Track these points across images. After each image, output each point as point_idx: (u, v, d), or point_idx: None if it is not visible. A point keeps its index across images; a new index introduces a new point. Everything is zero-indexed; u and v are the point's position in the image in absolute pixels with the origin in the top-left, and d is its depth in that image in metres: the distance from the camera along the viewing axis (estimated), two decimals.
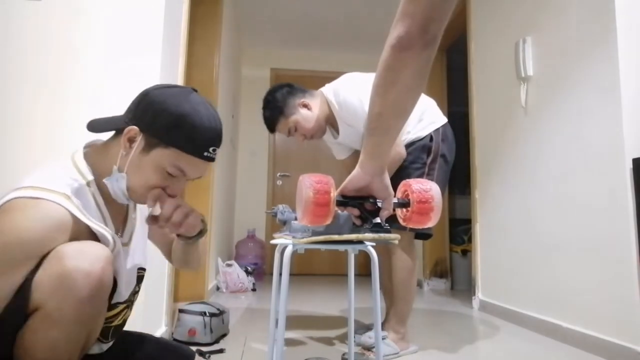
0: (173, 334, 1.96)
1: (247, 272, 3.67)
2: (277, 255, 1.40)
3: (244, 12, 4.25)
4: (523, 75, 2.55)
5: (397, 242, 1.10)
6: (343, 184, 1.03)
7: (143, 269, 1.11)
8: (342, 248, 1.17)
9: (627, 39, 1.87)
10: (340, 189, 1.03)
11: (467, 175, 3.28)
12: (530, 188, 2.51)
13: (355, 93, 1.82)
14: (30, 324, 0.81)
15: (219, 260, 3.52)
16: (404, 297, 1.93)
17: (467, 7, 3.33)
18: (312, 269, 4.72)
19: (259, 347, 1.96)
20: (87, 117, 1.03)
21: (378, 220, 1.03)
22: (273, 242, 1.34)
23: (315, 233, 1.11)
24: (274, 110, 1.97)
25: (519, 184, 2.63)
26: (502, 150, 2.84)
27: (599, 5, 1.98)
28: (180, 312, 1.98)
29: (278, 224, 1.46)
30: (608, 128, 1.92)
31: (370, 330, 1.98)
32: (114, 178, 0.95)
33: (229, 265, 3.56)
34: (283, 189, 4.98)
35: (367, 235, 1.07)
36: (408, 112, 0.96)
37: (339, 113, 1.91)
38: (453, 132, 2.06)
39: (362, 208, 1.04)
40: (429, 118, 1.98)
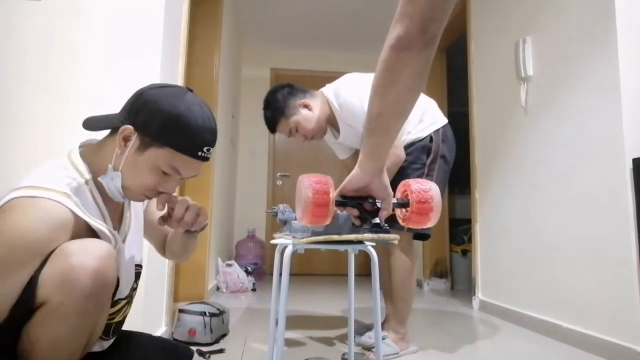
0: (173, 334, 1.96)
1: (247, 272, 3.67)
2: (277, 255, 1.40)
3: (244, 12, 4.25)
4: (523, 75, 2.55)
5: (396, 242, 1.10)
6: (342, 184, 1.03)
7: (140, 266, 1.13)
8: (342, 248, 1.17)
9: (627, 39, 1.87)
10: (340, 189, 1.03)
11: (467, 175, 3.28)
12: (530, 188, 2.51)
13: (356, 94, 1.82)
14: (36, 319, 0.82)
15: (219, 260, 3.52)
16: (404, 297, 1.93)
17: (467, 7, 3.33)
18: (312, 269, 4.72)
19: (259, 347, 1.96)
20: (86, 117, 1.03)
21: (377, 221, 1.03)
22: (273, 242, 1.34)
23: (315, 233, 1.11)
24: (275, 111, 1.97)
25: (519, 184, 2.63)
26: (502, 150, 2.84)
27: (599, 5, 1.98)
28: (180, 312, 1.98)
29: (278, 224, 1.46)
30: (608, 128, 1.92)
31: (370, 330, 1.98)
32: (109, 177, 0.96)
33: (229, 265, 3.56)
34: (283, 189, 4.98)
35: (366, 236, 1.07)
36: (407, 112, 0.96)
37: (340, 114, 1.91)
38: (453, 132, 2.06)
39: (361, 208, 1.04)
40: (430, 119, 1.98)
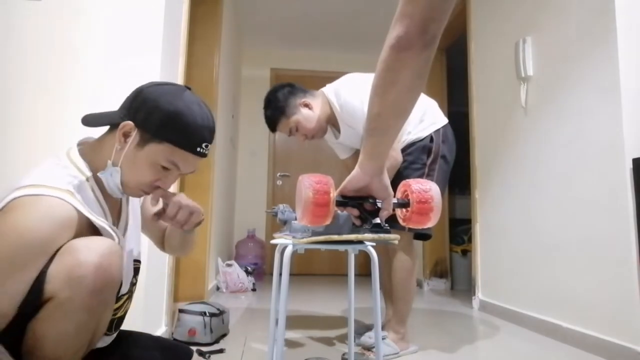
0: (173, 334, 1.96)
1: (247, 272, 3.67)
2: (277, 255, 1.40)
3: (244, 12, 4.25)
4: (523, 75, 2.55)
5: (396, 242, 1.10)
6: (342, 184, 1.03)
7: (138, 261, 1.14)
8: (342, 248, 1.17)
9: (627, 39, 1.87)
10: (340, 189, 1.03)
11: (467, 175, 3.28)
12: (530, 188, 2.51)
13: (357, 95, 1.81)
14: (42, 314, 0.83)
15: (219, 260, 3.52)
16: (404, 297, 1.93)
17: (467, 7, 3.32)
18: (312, 269, 4.72)
19: (259, 347, 1.96)
20: (86, 114, 1.04)
21: (378, 221, 1.03)
22: (273, 242, 1.34)
23: (315, 233, 1.11)
24: (275, 110, 1.97)
25: (519, 184, 2.63)
26: (502, 150, 2.84)
27: (599, 5, 1.98)
28: (180, 312, 1.98)
29: (278, 224, 1.46)
30: (608, 128, 1.92)
31: (370, 330, 1.98)
32: (108, 172, 0.98)
33: (229, 265, 3.56)
34: (283, 189, 4.98)
35: (366, 236, 1.07)
36: (407, 112, 0.96)
37: (340, 114, 1.91)
38: (453, 132, 2.06)
39: (361, 208, 1.04)
40: (430, 119, 1.98)
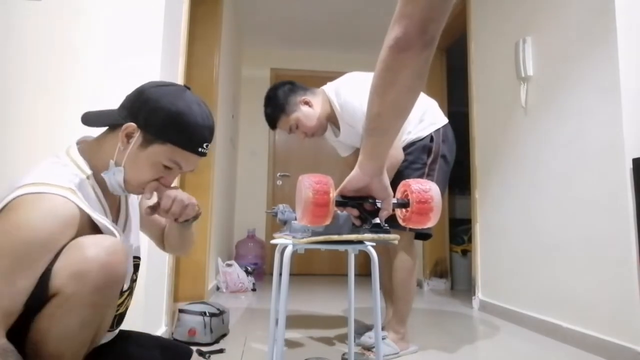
0: (173, 334, 1.96)
1: (247, 272, 3.67)
2: (277, 255, 1.40)
3: (244, 12, 4.25)
4: (523, 75, 2.55)
5: (396, 242, 1.10)
6: (342, 185, 1.03)
7: (138, 257, 1.15)
8: (342, 248, 1.17)
9: (627, 39, 1.87)
10: (340, 190, 1.03)
11: (467, 175, 3.28)
12: (530, 188, 2.51)
13: (357, 95, 1.81)
14: (47, 310, 0.84)
15: (219, 260, 3.52)
16: (404, 297, 1.93)
17: (467, 7, 3.32)
18: (312, 269, 4.72)
19: (259, 347, 1.96)
20: (85, 112, 1.04)
21: (377, 221, 1.03)
22: (273, 242, 1.34)
23: (315, 233, 1.11)
24: (276, 108, 1.97)
25: (519, 184, 2.63)
26: (502, 150, 2.83)
27: (599, 5, 1.98)
28: (180, 312, 1.98)
29: (278, 224, 1.46)
30: (608, 128, 1.92)
31: (370, 330, 1.98)
32: (112, 172, 1.00)
33: (229, 265, 3.56)
34: (283, 189, 4.97)
35: (366, 236, 1.07)
36: (407, 112, 0.96)
37: (340, 113, 1.91)
38: (453, 132, 2.06)
39: (361, 208, 1.04)
40: (430, 119, 1.98)
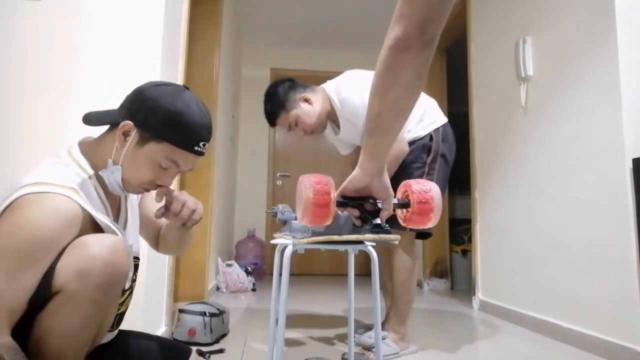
0: (173, 334, 1.96)
1: (247, 272, 3.67)
2: (277, 255, 1.40)
3: (244, 12, 4.25)
4: (523, 75, 2.55)
5: (397, 242, 1.10)
6: (343, 185, 1.03)
7: (137, 258, 1.15)
8: (342, 248, 1.17)
9: (627, 39, 1.87)
10: (340, 190, 1.02)
11: (467, 175, 3.28)
12: (530, 188, 2.51)
13: (357, 91, 1.81)
14: (50, 307, 0.84)
15: (219, 260, 3.52)
16: (404, 297, 1.93)
17: (467, 7, 3.32)
18: (312, 269, 4.72)
19: (259, 347, 1.96)
20: (86, 112, 1.05)
21: (378, 221, 1.03)
22: (273, 242, 1.34)
23: (315, 233, 1.11)
24: (275, 104, 1.97)
25: (519, 184, 2.63)
26: (502, 150, 2.84)
27: (599, 5, 1.98)
28: (180, 312, 1.98)
29: (278, 224, 1.46)
30: (608, 128, 1.92)
31: (370, 330, 1.98)
32: (110, 170, 1.00)
33: (229, 265, 3.56)
34: (283, 189, 4.97)
35: (367, 236, 1.07)
36: (407, 112, 0.96)
37: (340, 110, 1.91)
38: (453, 132, 2.06)
39: (362, 209, 1.04)
40: (430, 118, 1.98)
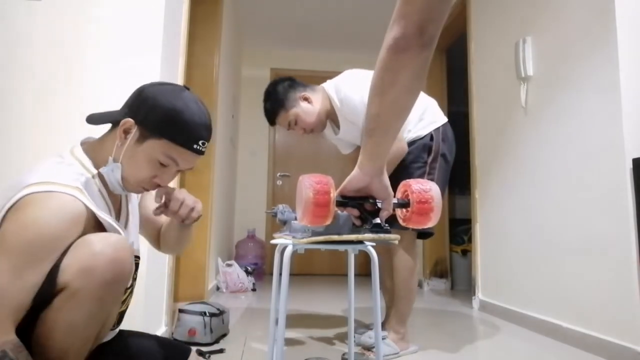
0: (173, 334, 1.96)
1: (247, 272, 3.67)
2: (277, 255, 1.40)
3: (244, 12, 4.25)
4: (523, 75, 2.55)
5: (397, 242, 1.10)
6: (342, 185, 1.03)
7: (137, 257, 1.16)
8: (342, 248, 1.17)
9: (627, 39, 1.87)
10: (340, 190, 1.02)
11: (467, 175, 3.28)
12: (530, 188, 2.51)
13: (357, 90, 1.81)
14: (54, 304, 0.85)
15: (219, 260, 3.52)
16: (405, 296, 1.93)
17: (467, 7, 3.32)
18: (312, 269, 4.72)
19: (259, 347, 1.96)
20: (87, 117, 1.05)
21: (378, 221, 1.03)
22: (273, 242, 1.34)
23: (315, 233, 1.11)
24: (275, 103, 1.97)
25: (519, 184, 2.63)
26: (502, 150, 2.84)
27: (599, 5, 1.98)
28: (180, 312, 1.98)
29: (278, 224, 1.46)
30: (608, 128, 1.92)
31: (370, 330, 1.98)
32: (110, 168, 1.01)
33: (229, 265, 3.56)
34: (283, 189, 4.97)
35: (366, 236, 1.07)
36: (407, 112, 0.96)
37: (340, 109, 1.91)
38: (453, 132, 2.06)
39: (361, 208, 1.04)
40: (430, 117, 1.98)
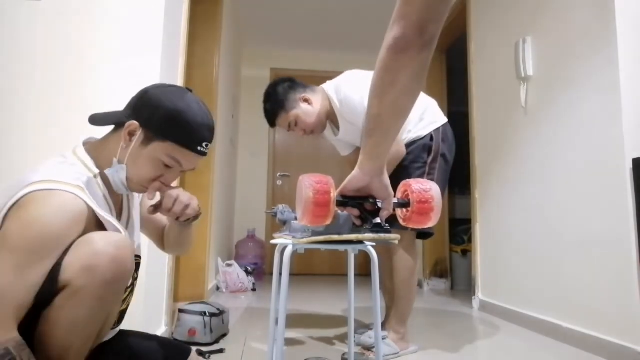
0: (173, 334, 1.96)
1: (247, 272, 3.67)
2: (277, 255, 1.40)
3: (244, 12, 4.25)
4: (523, 75, 2.55)
5: (397, 242, 1.10)
6: (343, 185, 1.03)
7: (139, 257, 1.16)
8: (342, 248, 1.17)
9: (627, 39, 1.87)
10: (340, 189, 1.03)
11: (467, 175, 3.28)
12: (530, 188, 2.51)
13: (357, 91, 1.81)
14: (56, 302, 0.85)
15: (219, 260, 3.52)
16: (405, 296, 1.93)
17: (466, 7, 3.32)
18: (312, 269, 4.72)
19: (259, 347, 1.96)
20: (87, 117, 1.06)
21: (378, 221, 1.03)
22: (273, 242, 1.34)
23: (315, 233, 1.11)
24: (275, 104, 1.97)
25: (519, 184, 2.63)
26: (502, 150, 2.84)
27: (599, 5, 1.98)
28: (180, 312, 1.98)
29: (278, 224, 1.46)
30: (608, 128, 1.92)
31: (370, 330, 1.98)
32: (115, 169, 1.02)
33: (229, 265, 3.56)
34: (283, 189, 4.97)
35: (367, 236, 1.07)
36: (407, 112, 0.96)
37: (340, 110, 1.91)
38: (453, 132, 2.06)
39: (362, 208, 1.04)
40: (430, 117, 1.98)
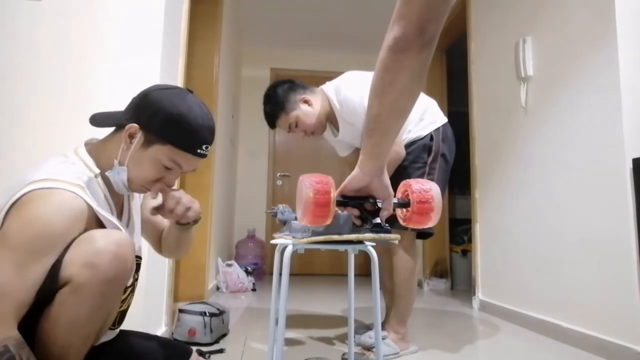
0: (173, 334, 1.96)
1: (247, 272, 3.67)
2: (277, 255, 1.40)
3: (244, 12, 4.25)
4: (523, 75, 2.55)
5: (397, 242, 1.10)
6: (343, 184, 1.03)
7: (139, 257, 1.17)
8: (342, 248, 1.17)
9: (627, 39, 1.87)
10: (340, 189, 1.03)
11: (467, 175, 3.28)
12: (530, 188, 2.51)
13: (357, 92, 1.82)
14: (57, 299, 0.86)
15: (219, 260, 3.52)
16: (405, 296, 1.93)
17: (467, 7, 3.32)
18: (312, 269, 4.72)
19: (259, 347, 1.96)
20: (87, 117, 1.07)
21: (378, 221, 1.03)
22: (273, 242, 1.34)
23: (315, 233, 1.11)
24: (275, 106, 1.97)
25: (519, 184, 2.63)
26: (502, 150, 2.84)
27: (599, 5, 1.98)
28: (180, 312, 1.98)
29: (278, 224, 1.46)
30: (608, 128, 1.92)
31: (370, 330, 1.98)
32: (116, 171, 1.02)
33: (229, 265, 3.56)
34: (283, 189, 4.98)
35: (367, 236, 1.07)
36: (407, 112, 0.96)
37: (340, 111, 1.91)
38: (453, 132, 2.06)
39: (362, 208, 1.04)
40: (430, 117, 1.98)
